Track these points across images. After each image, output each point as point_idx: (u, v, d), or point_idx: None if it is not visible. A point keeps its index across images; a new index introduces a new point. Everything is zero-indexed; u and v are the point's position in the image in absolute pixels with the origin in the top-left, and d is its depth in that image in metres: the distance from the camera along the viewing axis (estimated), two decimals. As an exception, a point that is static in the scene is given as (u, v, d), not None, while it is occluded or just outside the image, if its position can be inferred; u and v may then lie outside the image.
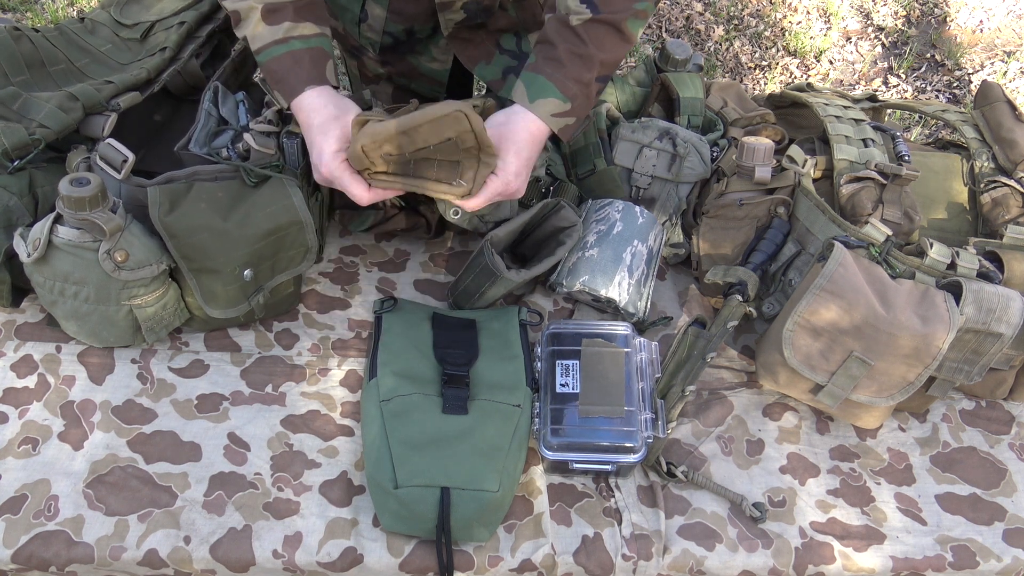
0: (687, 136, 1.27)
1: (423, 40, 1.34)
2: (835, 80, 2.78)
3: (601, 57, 1.07)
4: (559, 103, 1.07)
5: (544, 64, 1.07)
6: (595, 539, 1.02)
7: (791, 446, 1.14)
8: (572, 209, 1.17)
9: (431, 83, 1.43)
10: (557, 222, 1.18)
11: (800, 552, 1.03)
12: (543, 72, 1.07)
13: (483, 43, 1.32)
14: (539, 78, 1.07)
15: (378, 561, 0.99)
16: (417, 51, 1.37)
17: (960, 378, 1.11)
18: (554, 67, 1.07)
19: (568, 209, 1.17)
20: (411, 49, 1.36)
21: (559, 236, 1.17)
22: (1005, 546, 1.06)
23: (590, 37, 1.06)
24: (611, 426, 1.05)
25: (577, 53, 1.06)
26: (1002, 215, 1.23)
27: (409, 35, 1.32)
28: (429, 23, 1.29)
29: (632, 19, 1.08)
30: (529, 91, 1.07)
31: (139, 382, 1.11)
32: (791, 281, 1.18)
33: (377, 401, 1.05)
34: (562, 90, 1.07)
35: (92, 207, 0.98)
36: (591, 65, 1.07)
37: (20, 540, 0.96)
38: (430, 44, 1.35)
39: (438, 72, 1.40)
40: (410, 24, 1.29)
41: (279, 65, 1.08)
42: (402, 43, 1.34)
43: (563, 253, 1.15)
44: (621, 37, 1.08)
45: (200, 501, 1.01)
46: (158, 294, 1.07)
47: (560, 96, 1.07)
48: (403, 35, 1.32)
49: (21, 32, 1.19)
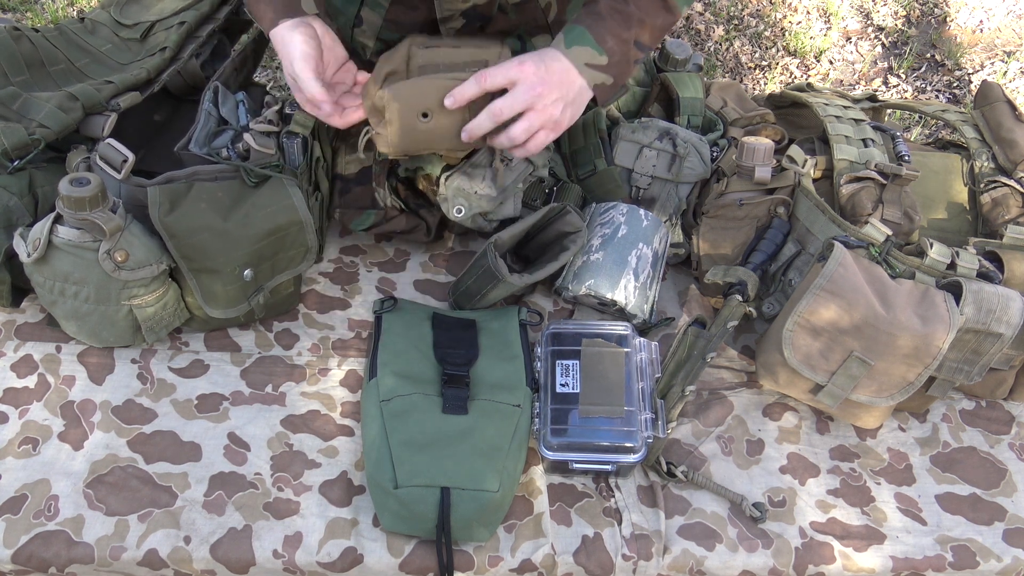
0: (687, 136, 1.27)
1: None
2: (835, 80, 2.78)
3: (640, 16, 1.06)
4: (595, 53, 1.05)
5: (585, 17, 1.07)
6: (595, 539, 1.02)
7: (791, 446, 1.14)
8: (577, 214, 1.17)
9: None
10: (562, 227, 1.18)
11: (800, 552, 1.03)
12: (582, 23, 1.06)
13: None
14: (577, 28, 1.06)
15: (378, 561, 0.99)
16: None
17: (960, 378, 1.11)
18: (593, 19, 1.06)
19: (573, 214, 1.17)
20: None
21: (563, 241, 1.17)
22: (1005, 546, 1.06)
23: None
24: (611, 426, 1.05)
25: (618, 9, 1.06)
26: (1002, 215, 1.23)
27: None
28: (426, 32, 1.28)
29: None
30: (566, 38, 1.06)
31: (139, 382, 1.11)
32: (791, 281, 1.18)
33: (377, 401, 1.05)
34: (599, 41, 1.05)
35: (92, 207, 0.98)
36: (630, 22, 1.06)
37: (20, 540, 0.96)
38: None
39: None
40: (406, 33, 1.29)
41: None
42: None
43: (566, 259, 1.15)
44: (664, 5, 1.07)
45: (200, 501, 1.01)
46: (158, 294, 1.07)
47: (596, 47, 1.05)
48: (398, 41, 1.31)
49: (21, 32, 1.19)
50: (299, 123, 1.13)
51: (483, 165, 1.18)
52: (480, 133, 1.05)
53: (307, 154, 1.14)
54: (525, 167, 1.20)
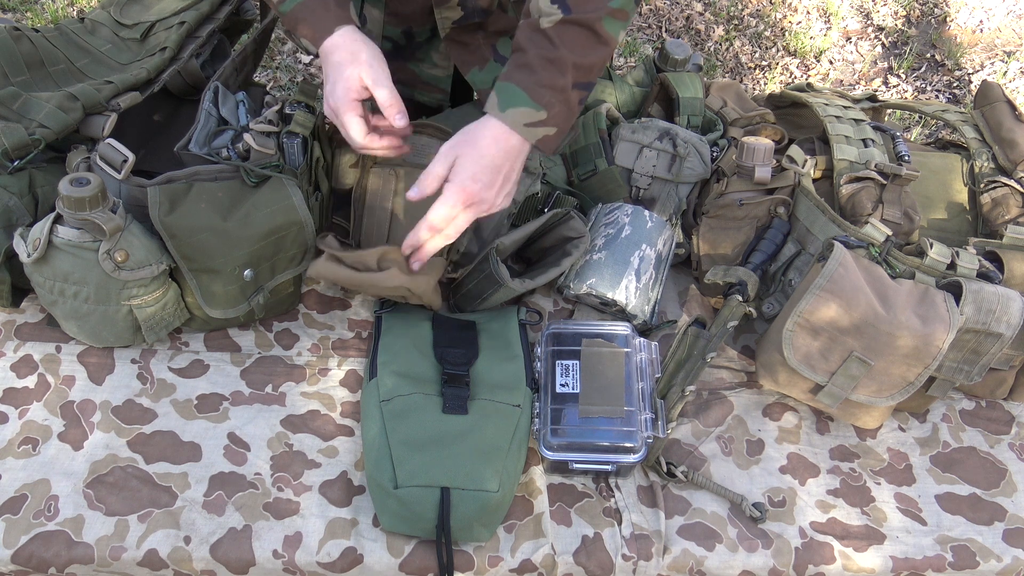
0: (687, 136, 1.27)
1: (423, 44, 1.33)
2: (835, 80, 2.78)
3: (574, 60, 1.00)
4: (532, 111, 1.00)
5: (515, 71, 1.01)
6: (595, 539, 1.02)
7: (791, 446, 1.14)
8: (581, 220, 1.17)
9: (434, 91, 1.41)
10: (565, 231, 1.18)
11: (800, 552, 1.03)
12: (513, 79, 1.01)
13: (479, 48, 1.31)
14: (509, 86, 1.00)
15: (378, 561, 0.99)
16: (418, 57, 1.36)
17: (960, 378, 1.11)
18: (525, 74, 1.00)
19: (576, 220, 1.17)
20: (412, 55, 1.35)
21: (566, 246, 1.17)
22: (1005, 546, 1.06)
23: (562, 40, 0.99)
24: (611, 426, 1.05)
25: (548, 58, 0.99)
26: (1002, 215, 1.23)
27: (408, 38, 1.32)
28: (427, 23, 1.28)
29: (609, 19, 1.00)
30: (500, 100, 1.01)
31: (139, 382, 1.11)
32: (791, 281, 1.18)
33: (377, 401, 1.05)
34: (534, 98, 1.00)
35: (92, 207, 0.98)
36: (564, 69, 1.00)
37: (20, 540, 0.96)
38: (430, 50, 1.34)
39: (441, 79, 1.39)
40: (407, 25, 1.28)
41: (306, 11, 1.05)
42: (402, 48, 1.33)
43: (568, 264, 1.15)
44: (597, 39, 1.01)
45: (200, 501, 1.01)
46: (158, 294, 1.07)
47: (532, 104, 1.00)
48: (402, 39, 1.31)
49: (21, 32, 1.19)
50: (299, 123, 1.13)
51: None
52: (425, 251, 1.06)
53: (307, 154, 1.13)
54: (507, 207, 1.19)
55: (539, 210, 1.24)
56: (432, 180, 1.01)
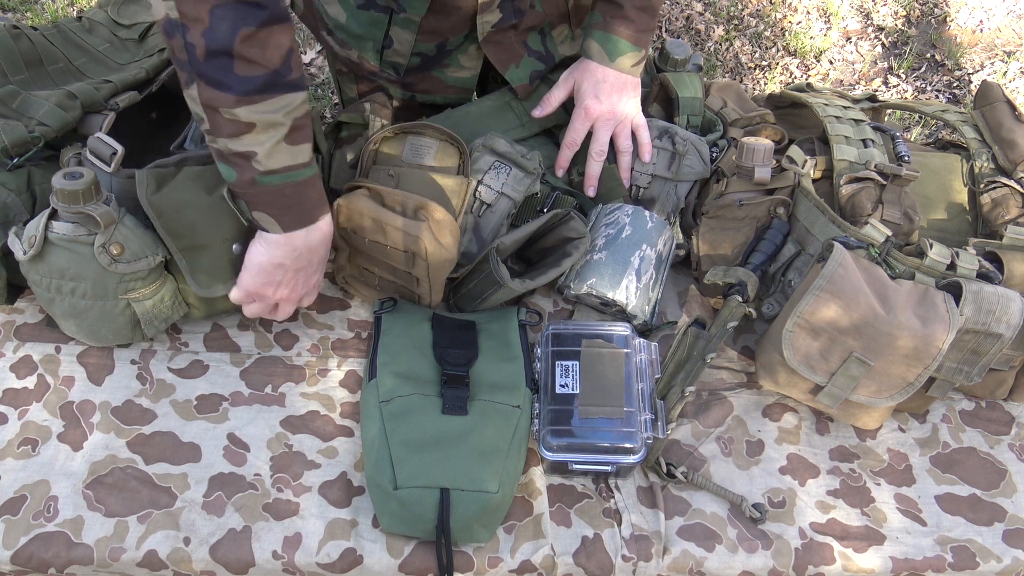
0: (686, 135, 1.27)
1: (452, 51, 1.32)
2: (835, 80, 2.78)
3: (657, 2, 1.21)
4: (636, 54, 1.23)
5: (615, 24, 1.21)
6: (595, 540, 1.02)
7: (791, 447, 1.14)
8: (581, 220, 1.17)
9: (458, 92, 1.38)
10: (565, 232, 1.17)
11: (800, 553, 1.03)
12: (615, 31, 1.21)
13: (512, 45, 1.30)
14: (612, 37, 1.22)
15: (378, 562, 0.99)
16: (444, 64, 1.33)
17: (960, 379, 1.11)
18: (625, 25, 1.21)
19: (577, 220, 1.17)
20: (439, 63, 1.33)
21: (566, 246, 1.17)
22: (1005, 547, 1.06)
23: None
24: (611, 427, 1.05)
25: (641, 7, 1.20)
26: (1002, 215, 1.23)
27: (440, 49, 1.30)
28: (463, 31, 1.27)
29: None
30: (608, 50, 1.22)
31: (138, 383, 1.11)
32: (791, 282, 1.18)
33: (377, 402, 1.05)
34: (637, 43, 1.22)
35: (86, 200, 0.98)
36: (654, 13, 1.22)
37: (19, 541, 0.96)
38: (459, 54, 1.32)
39: (467, 80, 1.36)
40: (443, 39, 1.27)
41: (295, 190, 0.98)
42: (430, 59, 1.31)
43: (568, 265, 1.15)
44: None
45: (200, 502, 1.01)
46: (155, 286, 1.07)
47: (636, 48, 1.23)
48: (433, 50, 1.29)
49: (20, 31, 1.19)
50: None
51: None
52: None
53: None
54: (507, 206, 1.20)
55: (539, 210, 1.24)
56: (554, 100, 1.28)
